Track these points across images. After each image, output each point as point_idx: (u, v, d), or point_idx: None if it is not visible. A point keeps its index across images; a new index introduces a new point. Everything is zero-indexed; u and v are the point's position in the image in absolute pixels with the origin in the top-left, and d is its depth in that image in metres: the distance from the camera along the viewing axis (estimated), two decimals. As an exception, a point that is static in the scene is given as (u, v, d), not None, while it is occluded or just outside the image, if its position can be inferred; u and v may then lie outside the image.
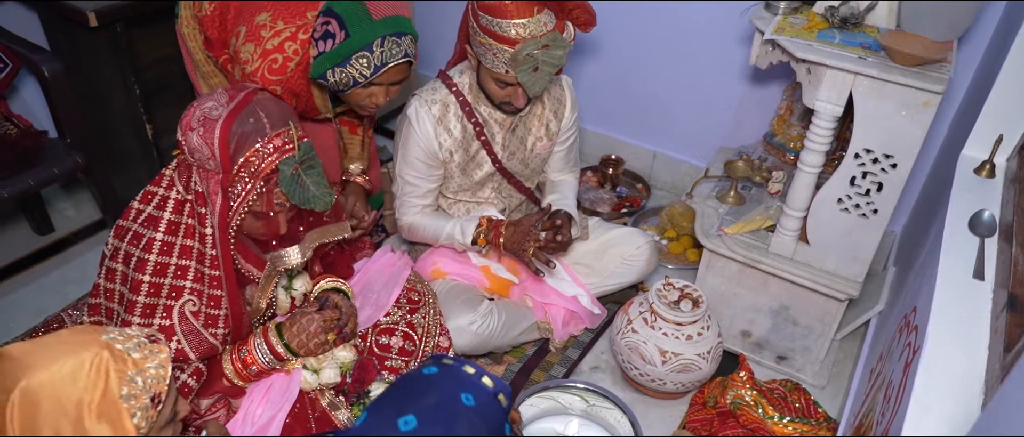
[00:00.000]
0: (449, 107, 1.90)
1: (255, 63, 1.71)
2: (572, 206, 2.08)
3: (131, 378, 1.01)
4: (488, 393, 1.25)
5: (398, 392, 1.26)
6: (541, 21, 1.67)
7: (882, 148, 1.63)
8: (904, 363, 1.30)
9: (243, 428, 1.58)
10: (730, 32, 2.33)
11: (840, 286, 1.84)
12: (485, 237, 1.95)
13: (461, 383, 1.25)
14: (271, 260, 1.59)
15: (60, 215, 2.55)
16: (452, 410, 1.19)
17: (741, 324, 2.08)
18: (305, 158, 1.46)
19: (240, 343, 1.62)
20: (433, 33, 2.95)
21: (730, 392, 1.87)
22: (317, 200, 1.50)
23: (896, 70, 1.52)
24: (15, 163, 2.05)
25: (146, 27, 2.15)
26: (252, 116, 1.41)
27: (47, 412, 0.95)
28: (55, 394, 0.95)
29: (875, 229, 1.75)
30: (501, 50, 1.68)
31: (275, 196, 1.46)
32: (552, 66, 1.71)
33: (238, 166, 1.40)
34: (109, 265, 1.50)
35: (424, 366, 1.32)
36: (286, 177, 1.43)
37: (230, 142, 1.38)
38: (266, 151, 1.41)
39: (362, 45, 1.64)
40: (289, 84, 1.75)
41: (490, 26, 1.67)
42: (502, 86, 1.79)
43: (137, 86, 2.18)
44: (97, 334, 1.03)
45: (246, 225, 1.49)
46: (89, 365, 0.98)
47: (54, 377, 0.95)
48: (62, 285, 2.27)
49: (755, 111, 2.43)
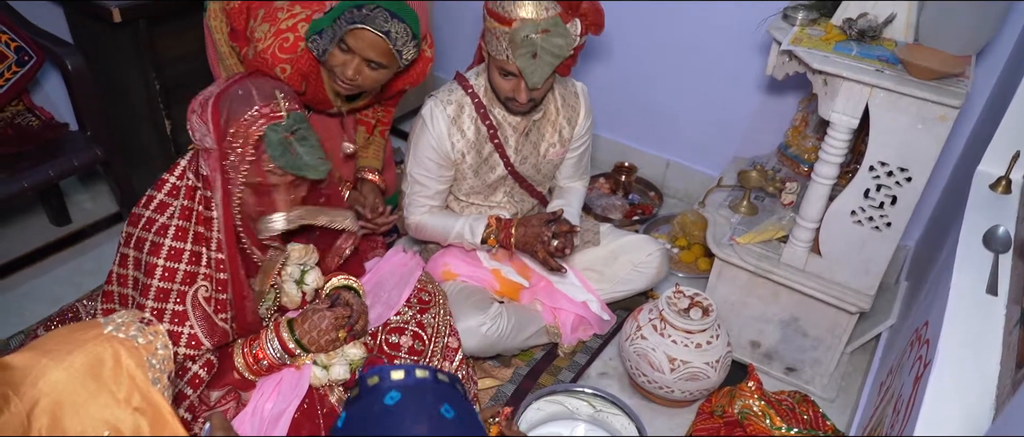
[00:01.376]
0: (464, 108, 1.91)
1: (267, 41, 1.75)
2: (575, 215, 2.09)
3: (149, 363, 1.00)
4: (426, 383, 1.15)
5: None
6: (544, 6, 1.70)
7: (897, 161, 1.63)
8: (914, 377, 1.29)
9: (252, 421, 1.59)
10: (747, 42, 2.34)
11: (851, 299, 1.83)
12: (495, 237, 1.96)
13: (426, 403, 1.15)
14: (258, 225, 1.57)
15: (78, 207, 2.58)
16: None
17: (750, 334, 2.08)
18: (296, 127, 1.46)
19: (252, 337, 1.64)
20: (450, 38, 2.98)
21: (738, 402, 1.86)
22: (310, 168, 1.48)
23: (913, 83, 1.52)
24: (36, 154, 2.08)
25: (168, 24, 2.18)
26: (241, 88, 1.45)
27: (74, 414, 0.91)
28: (79, 394, 0.92)
29: (888, 242, 1.74)
30: (503, 32, 1.71)
31: (263, 162, 1.46)
32: (552, 54, 1.71)
33: (229, 136, 1.43)
34: (123, 251, 1.52)
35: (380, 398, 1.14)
36: (273, 142, 1.43)
37: (221, 114, 1.42)
38: (253, 118, 1.43)
39: (353, 4, 1.65)
40: (299, 64, 1.77)
41: (495, 8, 1.71)
42: (504, 76, 1.80)
43: (157, 82, 2.21)
44: (97, 329, 1.00)
45: (246, 205, 1.51)
46: (107, 360, 0.95)
47: (73, 377, 0.92)
48: (78, 276, 2.30)
49: (770, 122, 2.43)
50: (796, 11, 1.79)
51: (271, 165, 1.47)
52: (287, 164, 1.46)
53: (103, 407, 0.93)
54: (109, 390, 0.94)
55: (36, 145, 2.11)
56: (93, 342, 0.97)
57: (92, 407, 0.92)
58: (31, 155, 2.08)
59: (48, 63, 2.18)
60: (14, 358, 0.93)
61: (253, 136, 1.44)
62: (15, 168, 2.01)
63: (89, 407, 0.92)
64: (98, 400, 0.93)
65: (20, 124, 2.11)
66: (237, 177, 1.46)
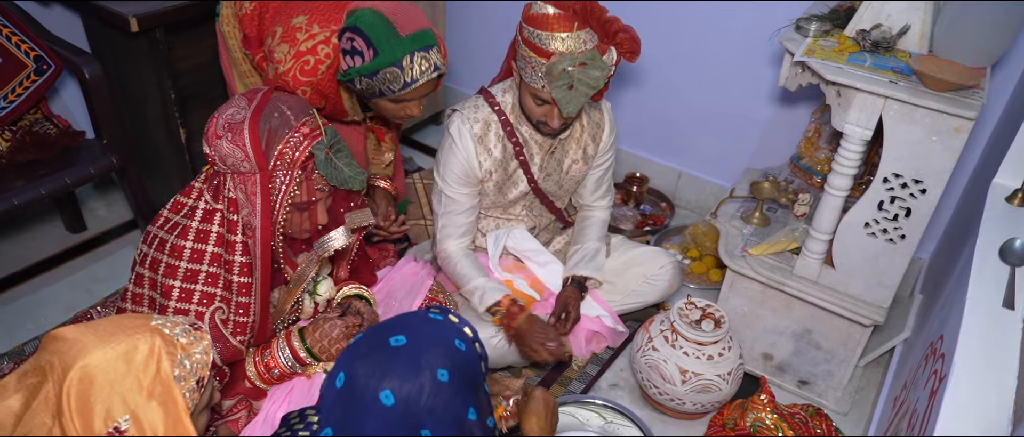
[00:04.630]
0: (490, 126, 1.90)
1: (288, 63, 1.75)
2: (592, 262, 2.04)
3: (181, 361, 1.06)
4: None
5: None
6: (581, 38, 1.67)
7: (911, 173, 1.62)
8: (930, 391, 1.28)
9: (263, 430, 1.60)
10: (759, 53, 2.33)
11: (865, 311, 1.81)
12: (500, 317, 1.89)
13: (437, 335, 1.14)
14: (316, 247, 1.61)
15: (92, 214, 2.61)
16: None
17: (763, 347, 2.07)
18: (333, 142, 1.51)
19: (263, 346, 1.64)
20: (465, 45, 2.99)
21: (750, 415, 1.84)
22: (352, 180, 1.53)
23: (928, 95, 1.51)
24: (53, 162, 2.10)
25: (184, 34, 2.21)
26: (276, 111, 1.46)
27: (100, 389, 0.99)
28: (109, 374, 1.00)
29: (902, 255, 1.73)
30: (539, 63, 1.68)
31: (314, 181, 1.50)
32: (588, 86, 1.69)
33: (273, 161, 1.43)
34: (138, 271, 1.53)
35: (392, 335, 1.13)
36: (321, 160, 1.48)
37: (261, 140, 1.42)
38: (297, 140, 1.45)
39: (391, 62, 1.67)
40: (319, 86, 1.79)
41: (532, 38, 1.68)
42: (538, 103, 1.78)
43: (173, 91, 2.23)
44: (146, 320, 1.08)
45: (288, 222, 1.52)
46: (142, 348, 1.03)
47: (109, 357, 1.00)
48: (92, 282, 2.32)
49: (782, 133, 2.42)
50: (809, 22, 1.78)
51: (320, 183, 1.50)
52: (335, 180, 1.51)
53: (127, 390, 1.00)
54: (136, 376, 1.01)
55: (53, 153, 2.14)
56: (138, 330, 1.05)
57: (118, 388, 1.00)
58: (48, 162, 2.10)
59: (66, 72, 2.21)
60: (66, 331, 1.03)
61: (299, 159, 1.45)
62: (33, 175, 2.04)
63: (115, 387, 1.00)
64: (124, 383, 1.01)
65: (38, 132, 2.14)
66: (285, 199, 1.47)
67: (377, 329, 1.13)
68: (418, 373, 1.04)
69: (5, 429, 1.00)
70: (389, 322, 1.15)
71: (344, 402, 1.06)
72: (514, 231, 2.08)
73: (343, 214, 1.67)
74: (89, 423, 0.98)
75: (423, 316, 1.17)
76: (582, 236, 2.11)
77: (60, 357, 1.00)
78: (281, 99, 1.50)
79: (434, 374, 1.05)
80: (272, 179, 1.45)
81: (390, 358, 1.06)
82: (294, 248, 1.65)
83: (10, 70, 2.04)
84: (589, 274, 2.02)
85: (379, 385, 1.03)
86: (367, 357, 1.07)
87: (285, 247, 1.58)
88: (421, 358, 1.06)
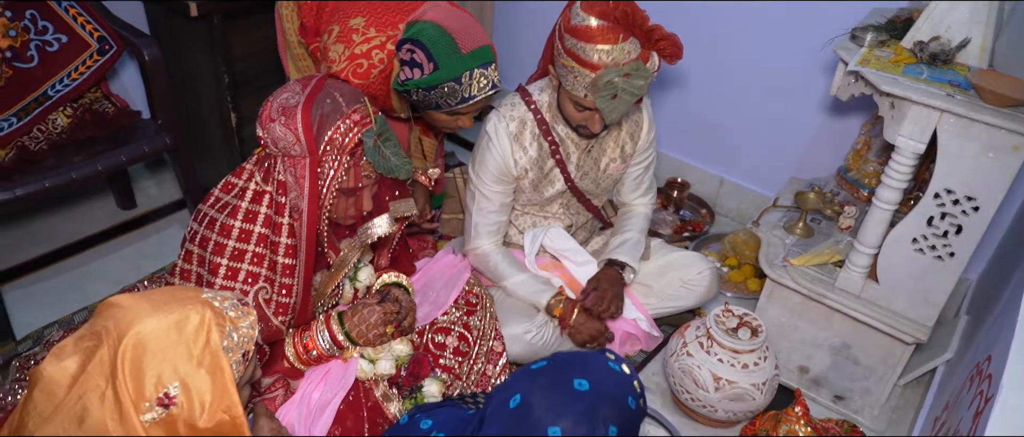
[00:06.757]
0: (526, 124, 1.90)
1: (341, 64, 1.78)
2: (632, 251, 2.03)
3: (229, 332, 1.10)
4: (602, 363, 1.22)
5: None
6: (625, 49, 1.65)
7: (964, 190, 1.58)
8: (974, 412, 1.25)
9: (299, 409, 1.63)
10: (811, 62, 2.30)
11: (908, 328, 1.78)
12: (562, 307, 1.92)
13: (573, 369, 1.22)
14: (360, 233, 1.65)
15: (143, 192, 2.69)
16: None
17: (799, 359, 2.04)
18: (382, 130, 1.54)
19: (302, 328, 1.68)
20: (510, 45, 3.00)
21: (783, 427, 1.82)
22: (399, 168, 1.56)
23: (986, 110, 1.48)
24: (109, 139, 2.18)
25: (241, 20, 2.26)
26: (328, 97, 1.49)
27: (153, 355, 1.03)
28: (161, 341, 1.04)
29: (950, 273, 1.69)
30: (582, 74, 1.67)
31: (362, 168, 1.53)
32: (632, 95, 1.68)
33: (323, 146, 1.46)
34: (188, 247, 1.58)
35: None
36: (370, 148, 1.50)
37: (313, 124, 1.45)
38: (347, 126, 1.48)
39: (451, 78, 1.69)
40: (370, 89, 1.81)
41: (574, 49, 1.66)
42: (579, 110, 1.78)
43: (227, 76, 2.29)
44: (198, 292, 1.12)
45: (334, 206, 1.55)
46: (194, 318, 1.07)
47: (162, 325, 1.04)
48: (139, 259, 2.39)
49: (830, 144, 2.38)
50: (865, 32, 1.75)
51: (368, 170, 1.53)
52: (382, 168, 1.53)
53: (178, 358, 1.05)
54: (187, 345, 1.06)
55: (110, 131, 2.21)
56: (189, 301, 1.09)
57: (169, 356, 1.04)
58: (105, 140, 2.17)
59: (126, 53, 2.28)
60: (122, 298, 1.09)
61: (349, 145, 1.49)
62: (91, 152, 2.11)
63: (167, 354, 1.04)
64: (176, 351, 1.05)
65: (97, 110, 2.22)
66: (332, 184, 1.51)
67: (560, 365, 1.19)
68: (593, 426, 1.10)
69: (61, 389, 1.04)
70: (571, 359, 1.21)
71: (514, 423, 1.12)
72: (551, 230, 2.08)
73: (388, 202, 1.70)
74: (140, 388, 1.02)
75: (605, 363, 1.20)
76: (624, 226, 2.11)
77: (115, 323, 1.04)
78: (334, 86, 1.54)
79: (606, 430, 1.10)
80: (321, 164, 1.48)
81: (571, 400, 1.12)
82: (338, 233, 1.68)
83: (75, 50, 2.11)
84: (627, 261, 2.00)
85: (554, 421, 1.10)
86: (548, 390, 1.13)
87: (330, 232, 1.60)
88: (599, 410, 1.11)
